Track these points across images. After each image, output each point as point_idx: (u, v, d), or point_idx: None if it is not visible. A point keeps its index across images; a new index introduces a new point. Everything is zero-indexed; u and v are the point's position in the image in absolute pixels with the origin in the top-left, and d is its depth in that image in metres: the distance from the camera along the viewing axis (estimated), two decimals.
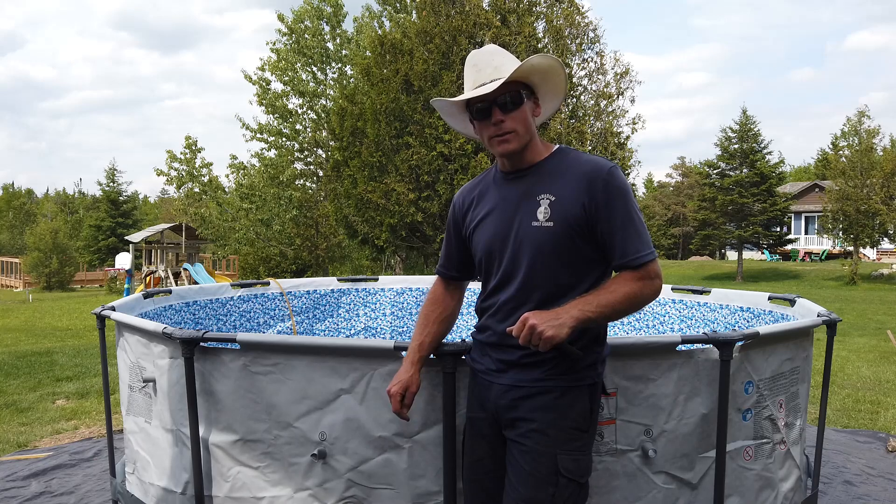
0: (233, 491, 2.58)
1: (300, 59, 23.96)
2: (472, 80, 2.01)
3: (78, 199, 72.96)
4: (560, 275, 1.95)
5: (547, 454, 1.92)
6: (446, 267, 2.29)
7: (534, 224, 1.95)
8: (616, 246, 1.92)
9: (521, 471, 1.94)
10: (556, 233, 1.93)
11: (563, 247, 1.93)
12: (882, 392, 6.54)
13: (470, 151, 12.49)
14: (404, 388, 2.11)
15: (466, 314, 5.62)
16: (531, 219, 1.96)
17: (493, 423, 2.07)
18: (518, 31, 13.14)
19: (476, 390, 2.14)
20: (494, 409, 2.05)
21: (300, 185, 24.98)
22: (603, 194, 1.90)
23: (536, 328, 1.78)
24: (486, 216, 2.07)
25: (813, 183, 43.62)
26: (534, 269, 1.95)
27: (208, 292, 4.66)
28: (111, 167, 53.67)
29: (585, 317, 1.83)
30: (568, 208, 1.92)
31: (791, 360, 2.80)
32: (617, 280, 1.93)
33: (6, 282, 39.49)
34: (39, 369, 7.88)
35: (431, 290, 2.31)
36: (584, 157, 1.99)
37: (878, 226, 28.80)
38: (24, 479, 4.19)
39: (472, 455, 2.14)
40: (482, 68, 1.99)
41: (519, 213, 1.99)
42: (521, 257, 1.97)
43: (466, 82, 2.04)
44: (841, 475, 4.19)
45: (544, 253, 1.94)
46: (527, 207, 1.98)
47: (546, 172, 2.00)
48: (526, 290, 1.97)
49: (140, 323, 2.90)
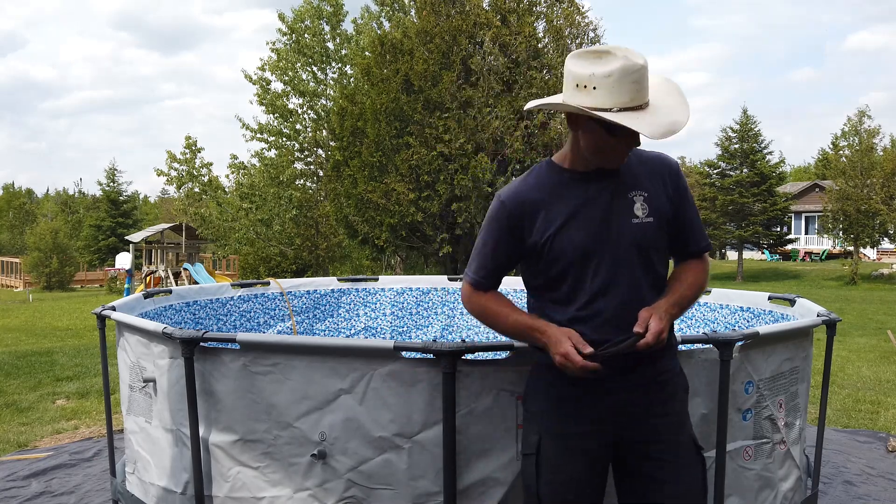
0: (233, 491, 2.59)
1: (300, 58, 23.95)
2: (628, 92, 1.80)
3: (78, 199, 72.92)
4: (660, 267, 2.02)
5: (689, 440, 2.04)
6: (488, 278, 2.08)
7: (634, 221, 1.95)
8: (693, 233, 2.07)
9: (675, 470, 1.97)
10: (656, 227, 1.98)
11: (660, 240, 2.01)
12: (882, 392, 6.54)
13: (470, 151, 12.49)
14: (567, 336, 1.89)
15: (466, 313, 5.62)
16: (630, 216, 1.95)
17: (601, 436, 1.97)
18: (518, 31, 13.14)
19: (578, 403, 1.98)
20: (628, 421, 1.97)
21: (300, 185, 24.97)
22: (680, 185, 2.04)
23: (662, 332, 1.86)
24: (571, 219, 1.94)
25: (813, 183, 43.61)
26: (641, 266, 1.97)
27: (208, 292, 4.66)
28: (111, 167, 53.61)
29: (678, 313, 1.98)
30: (659, 202, 1.99)
31: (791, 359, 2.80)
32: (687, 271, 2.06)
33: (6, 282, 39.49)
34: (39, 369, 7.88)
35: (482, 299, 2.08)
36: (646, 152, 2.06)
37: (878, 226, 28.79)
38: (24, 479, 4.19)
39: (562, 473, 1.98)
40: (643, 87, 1.82)
41: (614, 212, 1.95)
42: (626, 256, 1.94)
43: (621, 90, 1.80)
44: (841, 475, 4.19)
45: (648, 248, 1.98)
46: (621, 205, 1.96)
47: (625, 170, 1.99)
48: (635, 289, 1.95)
49: (140, 323, 2.90)
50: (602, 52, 1.83)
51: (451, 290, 5.60)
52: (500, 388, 2.34)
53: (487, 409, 2.34)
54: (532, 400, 2.10)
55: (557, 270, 1.97)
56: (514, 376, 2.34)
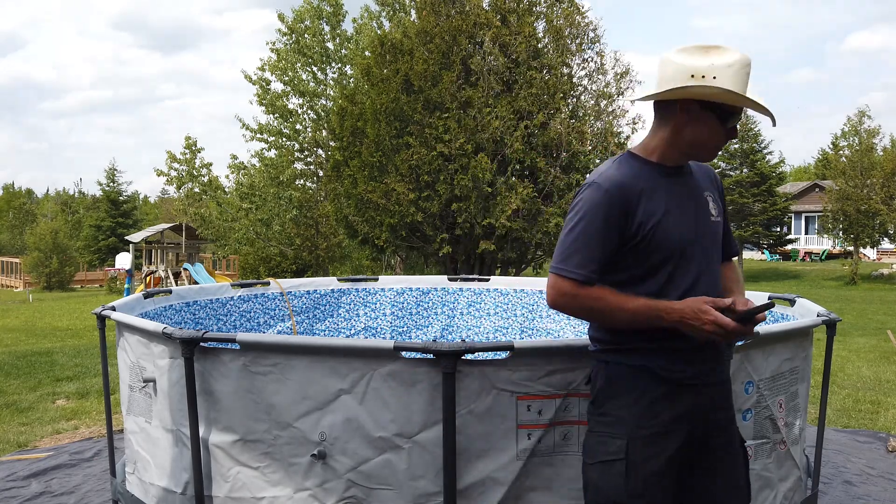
0: (233, 491, 2.59)
1: (300, 59, 23.95)
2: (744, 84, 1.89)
3: (78, 199, 72.95)
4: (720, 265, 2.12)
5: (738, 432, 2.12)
6: (596, 271, 1.91)
7: (711, 219, 2.05)
8: (729, 237, 2.18)
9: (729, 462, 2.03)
10: (721, 226, 2.11)
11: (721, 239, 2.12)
12: (882, 392, 6.54)
13: (470, 151, 12.49)
14: (705, 303, 1.83)
15: (466, 313, 5.63)
16: (708, 214, 2.04)
17: (681, 434, 1.94)
18: (518, 31, 13.13)
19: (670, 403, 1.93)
20: (703, 416, 1.96)
21: (300, 185, 24.97)
22: (723, 192, 2.18)
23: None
24: (668, 212, 1.94)
25: (813, 183, 43.61)
26: (717, 262, 2.08)
27: (208, 292, 4.66)
28: (111, 167, 53.64)
29: None
30: (718, 205, 2.10)
31: (791, 359, 2.80)
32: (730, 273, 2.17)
33: (6, 282, 39.48)
34: (39, 369, 7.88)
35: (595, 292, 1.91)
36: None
37: (878, 226, 28.79)
38: (24, 479, 4.19)
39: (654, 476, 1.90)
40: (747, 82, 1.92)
41: (700, 208, 2.03)
42: (709, 252, 2.03)
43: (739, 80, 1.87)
44: (841, 475, 4.19)
45: (719, 246, 2.10)
46: (700, 203, 2.04)
47: (692, 171, 2.09)
48: (715, 285, 2.02)
49: (140, 323, 2.90)
50: (711, 47, 1.91)
51: (451, 291, 5.60)
52: (500, 388, 2.34)
53: (487, 409, 2.34)
54: (613, 403, 1.97)
55: (653, 263, 1.93)
56: (514, 376, 2.34)
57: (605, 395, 1.99)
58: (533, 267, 14.83)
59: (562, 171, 13.17)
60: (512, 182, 12.94)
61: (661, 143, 2.00)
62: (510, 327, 5.43)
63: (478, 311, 5.56)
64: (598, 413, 2.00)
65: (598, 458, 1.95)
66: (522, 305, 5.42)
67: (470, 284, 5.62)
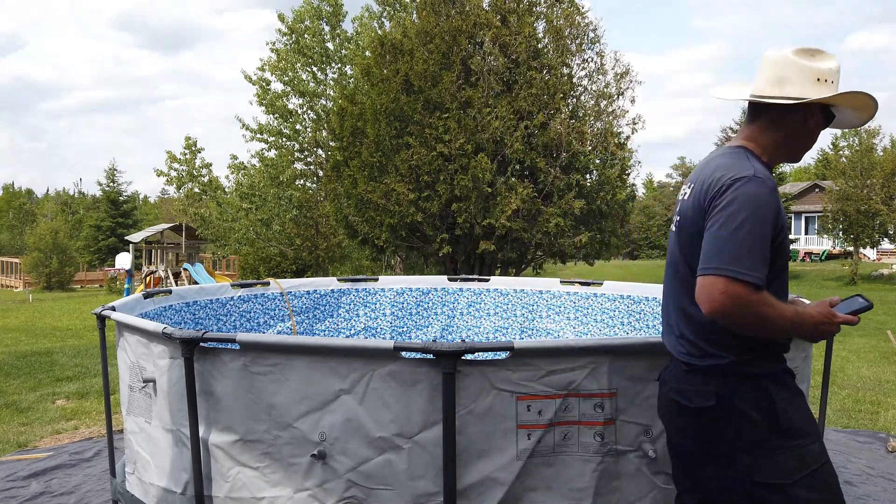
0: (233, 491, 2.59)
1: (300, 59, 23.95)
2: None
3: (78, 199, 72.97)
4: None
5: None
6: (766, 275, 1.82)
7: None
8: None
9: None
10: None
11: None
12: (882, 392, 6.54)
13: (470, 151, 12.49)
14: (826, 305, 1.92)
15: (466, 314, 5.63)
16: None
17: None
18: (518, 31, 13.13)
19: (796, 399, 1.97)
20: None
21: (300, 185, 24.97)
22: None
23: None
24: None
25: (813, 183, 43.61)
26: None
27: (208, 292, 4.66)
28: (111, 167, 53.68)
29: None
30: None
31: (790, 360, 2.80)
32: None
33: (6, 282, 39.48)
34: (39, 369, 7.88)
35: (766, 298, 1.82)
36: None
37: (878, 226, 28.76)
38: (24, 479, 4.19)
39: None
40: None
41: None
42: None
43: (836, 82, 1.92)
44: (841, 475, 4.19)
45: None
46: None
47: None
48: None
49: (140, 323, 2.90)
50: (818, 50, 1.93)
51: (451, 291, 5.60)
52: (499, 389, 2.34)
53: (487, 409, 2.34)
54: (796, 416, 1.92)
55: (779, 267, 1.93)
56: (513, 376, 2.34)
57: (784, 403, 1.90)
58: (533, 267, 14.83)
59: (562, 171, 13.17)
60: (512, 182, 12.94)
61: (772, 145, 1.97)
62: (510, 327, 5.43)
63: (478, 311, 5.56)
64: (785, 429, 1.87)
65: (801, 472, 1.85)
66: (522, 306, 5.42)
67: (470, 284, 5.62)
